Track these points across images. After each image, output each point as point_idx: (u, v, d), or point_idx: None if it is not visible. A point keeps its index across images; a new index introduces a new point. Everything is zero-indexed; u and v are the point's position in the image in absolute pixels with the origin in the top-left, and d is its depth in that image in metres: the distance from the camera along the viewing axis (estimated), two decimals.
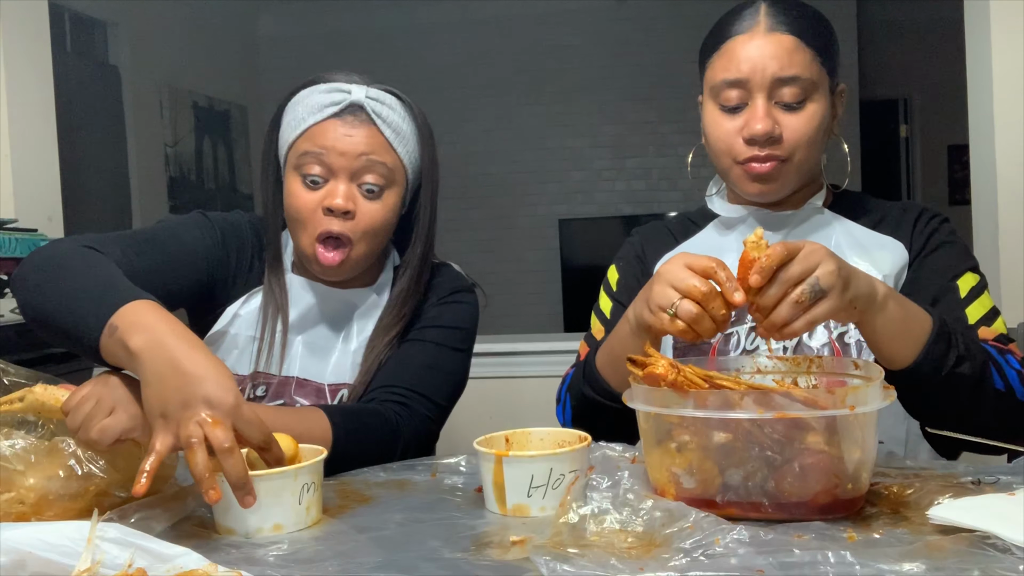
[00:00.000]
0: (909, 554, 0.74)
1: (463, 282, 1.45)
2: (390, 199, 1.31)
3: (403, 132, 1.32)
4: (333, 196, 1.26)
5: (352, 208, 1.27)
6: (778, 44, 1.21)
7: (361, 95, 1.29)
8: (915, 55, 6.73)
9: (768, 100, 1.22)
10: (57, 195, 2.94)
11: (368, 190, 1.28)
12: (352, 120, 1.28)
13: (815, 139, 1.24)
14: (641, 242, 1.42)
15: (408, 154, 1.33)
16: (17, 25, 2.74)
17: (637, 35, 6.57)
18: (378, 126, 1.29)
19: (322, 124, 1.28)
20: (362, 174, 1.28)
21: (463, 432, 1.25)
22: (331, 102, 1.29)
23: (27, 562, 0.72)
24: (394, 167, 1.30)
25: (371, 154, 1.28)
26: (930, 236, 1.28)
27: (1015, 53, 2.31)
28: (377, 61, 6.84)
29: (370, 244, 1.31)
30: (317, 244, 1.28)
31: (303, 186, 1.28)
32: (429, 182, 1.37)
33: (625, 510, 0.84)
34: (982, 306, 1.22)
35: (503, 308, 6.77)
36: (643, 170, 6.78)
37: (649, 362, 0.92)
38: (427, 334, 1.36)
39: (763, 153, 1.22)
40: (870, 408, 0.84)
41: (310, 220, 1.28)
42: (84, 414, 0.96)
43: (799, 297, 0.93)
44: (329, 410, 1.18)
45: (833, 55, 1.26)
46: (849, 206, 1.33)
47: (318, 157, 1.27)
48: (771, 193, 1.26)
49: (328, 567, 0.79)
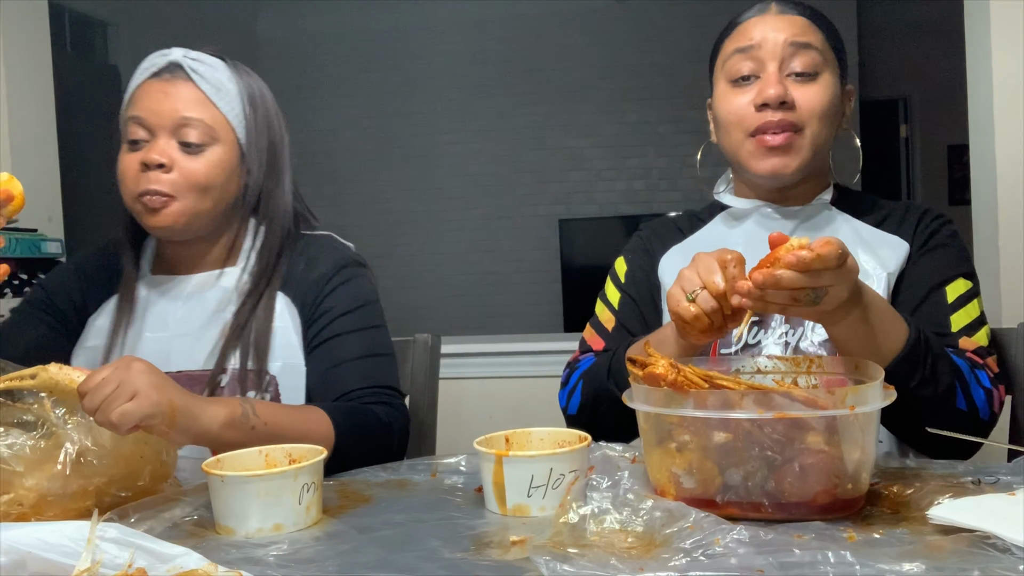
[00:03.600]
0: (909, 554, 0.74)
1: (345, 255, 1.38)
2: (214, 155, 1.29)
3: (225, 89, 1.31)
4: (150, 152, 1.27)
5: (166, 162, 1.26)
6: (790, 21, 1.25)
7: (179, 55, 1.30)
8: (915, 55, 6.72)
9: (780, 71, 1.23)
10: (57, 195, 2.95)
11: (186, 144, 1.28)
12: (169, 78, 1.29)
13: (828, 114, 1.24)
14: (649, 236, 1.42)
15: (233, 112, 1.31)
16: (17, 25, 2.74)
17: (637, 35, 6.57)
18: (195, 81, 1.29)
19: (142, 87, 1.30)
20: (180, 130, 1.28)
21: (463, 432, 1.25)
22: (151, 64, 1.31)
23: (27, 562, 0.72)
24: (215, 123, 1.29)
25: (187, 110, 1.28)
26: (931, 236, 1.28)
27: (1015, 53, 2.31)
28: (377, 61, 6.84)
29: (198, 200, 1.29)
30: (140, 199, 1.28)
31: (128, 151, 1.30)
32: (260, 143, 1.34)
33: (625, 510, 0.84)
34: (967, 315, 1.21)
35: (503, 308, 6.78)
36: (643, 170, 6.78)
37: (649, 362, 0.92)
38: (343, 324, 1.31)
39: (776, 118, 1.22)
40: (870, 408, 0.84)
41: (131, 179, 1.28)
42: (103, 396, 0.95)
43: (800, 296, 0.92)
44: (328, 408, 1.19)
45: (840, 49, 1.28)
46: (855, 204, 1.33)
47: (138, 120, 1.28)
48: (783, 170, 1.24)
49: (328, 567, 0.79)
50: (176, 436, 1.02)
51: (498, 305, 6.82)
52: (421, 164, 6.90)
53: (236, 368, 1.27)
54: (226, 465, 0.96)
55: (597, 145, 6.79)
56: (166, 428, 0.99)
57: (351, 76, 6.80)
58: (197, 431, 1.03)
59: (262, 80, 1.38)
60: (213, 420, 1.04)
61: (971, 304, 1.22)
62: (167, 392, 0.99)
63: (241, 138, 1.32)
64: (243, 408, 1.07)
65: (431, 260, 6.80)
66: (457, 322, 6.50)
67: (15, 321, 1.37)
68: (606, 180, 6.83)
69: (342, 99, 6.79)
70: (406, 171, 6.91)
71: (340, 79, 6.78)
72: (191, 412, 1.01)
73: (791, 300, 0.92)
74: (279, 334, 1.30)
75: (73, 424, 0.98)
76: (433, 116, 6.86)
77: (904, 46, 6.75)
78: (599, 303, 1.40)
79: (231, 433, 1.05)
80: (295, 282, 1.34)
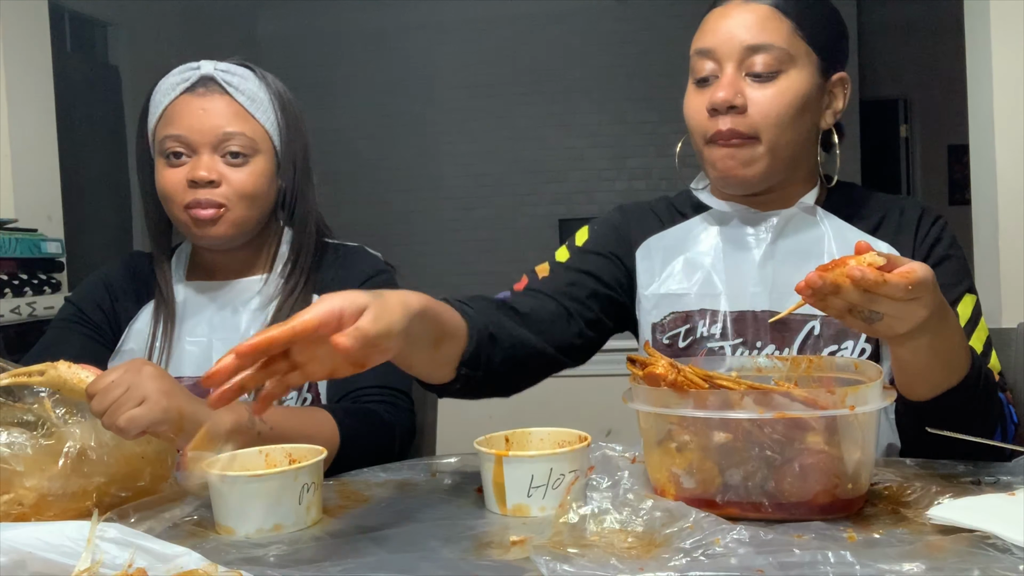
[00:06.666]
0: (909, 554, 0.74)
1: (377, 263, 1.42)
2: (257, 165, 1.31)
3: (259, 99, 1.33)
4: (196, 169, 1.28)
5: (216, 177, 1.28)
6: (752, 12, 1.17)
7: (210, 68, 1.31)
8: (915, 55, 6.72)
9: (738, 70, 1.16)
10: (57, 195, 2.95)
11: (232, 155, 1.30)
12: (204, 92, 1.30)
13: (787, 117, 1.15)
14: (627, 220, 1.34)
15: (269, 121, 1.34)
16: (17, 25, 2.74)
17: (637, 35, 6.57)
18: (232, 95, 1.31)
19: (176, 102, 1.31)
20: (223, 145, 1.29)
21: (463, 432, 1.25)
22: (182, 79, 1.31)
23: (27, 562, 0.72)
24: (255, 135, 1.31)
25: (229, 125, 1.29)
26: (933, 246, 1.21)
27: (1015, 53, 2.31)
28: (377, 61, 6.84)
29: (247, 209, 1.31)
30: (188, 210, 1.29)
31: (168, 166, 1.30)
32: (294, 148, 1.36)
33: (625, 510, 0.84)
34: (979, 338, 1.16)
35: None
36: (643, 170, 6.78)
37: (649, 362, 0.92)
38: None
39: (725, 127, 1.15)
40: (870, 408, 0.84)
41: (177, 193, 1.29)
42: (112, 399, 0.96)
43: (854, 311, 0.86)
44: (332, 410, 1.19)
45: (822, 33, 1.19)
46: (845, 203, 1.26)
47: (178, 138, 1.29)
48: (740, 182, 1.18)
49: (328, 567, 0.79)
50: (183, 442, 1.02)
51: None
52: (421, 164, 6.90)
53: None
54: (226, 465, 0.96)
55: (597, 145, 6.79)
56: (173, 435, 0.99)
57: (351, 76, 6.80)
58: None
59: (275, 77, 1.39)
60: (220, 426, 1.04)
61: (981, 323, 1.17)
62: (176, 398, 0.99)
63: (277, 146, 1.35)
64: (249, 413, 1.07)
65: (431, 260, 6.79)
66: None
67: (53, 339, 1.38)
68: (606, 180, 6.83)
69: (342, 99, 6.79)
70: (406, 171, 6.91)
71: (340, 79, 6.77)
72: (199, 419, 1.01)
73: (846, 311, 0.86)
74: None
75: (73, 424, 0.98)
76: (433, 116, 6.86)
77: (904, 46, 6.75)
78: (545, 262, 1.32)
79: (238, 439, 1.04)
80: (328, 285, 1.37)
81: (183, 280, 1.40)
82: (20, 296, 2.63)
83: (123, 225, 5.37)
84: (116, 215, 5.31)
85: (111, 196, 5.28)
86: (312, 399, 1.32)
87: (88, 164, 4.88)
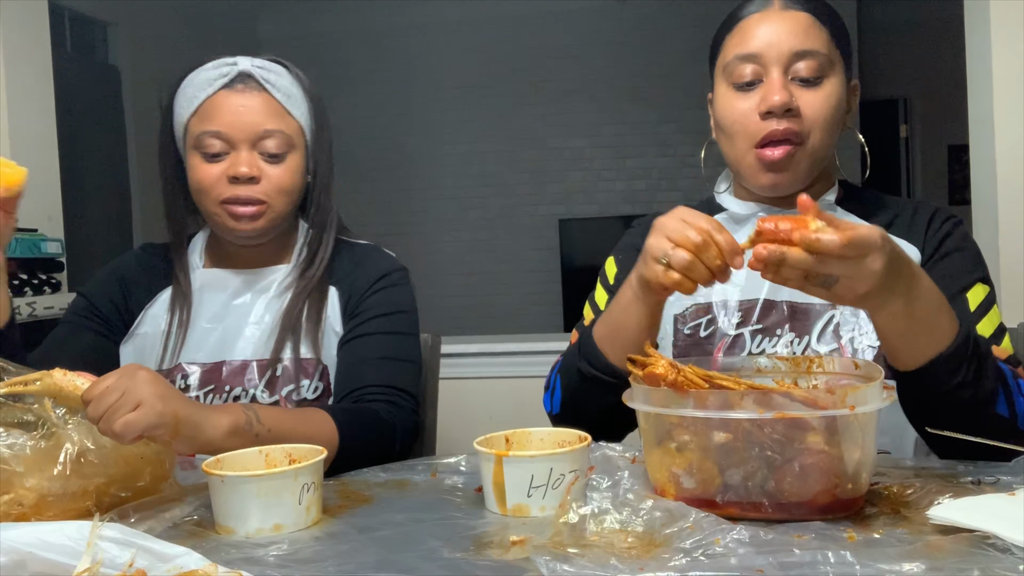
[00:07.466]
0: (909, 554, 0.74)
1: (393, 263, 1.45)
2: (293, 162, 1.34)
3: (295, 96, 1.35)
4: (237, 165, 1.29)
5: (256, 174, 1.30)
6: (794, 21, 1.20)
7: (247, 64, 1.32)
8: (915, 55, 6.72)
9: (784, 75, 1.19)
10: (57, 195, 2.95)
11: (270, 155, 1.31)
12: (243, 88, 1.31)
13: (832, 121, 1.20)
14: (642, 235, 1.36)
15: (303, 117, 1.36)
16: (17, 25, 2.75)
17: (637, 35, 6.57)
18: (270, 92, 1.32)
19: (214, 98, 1.31)
20: (262, 141, 1.31)
21: (463, 432, 1.25)
22: (220, 75, 1.31)
23: (27, 562, 0.72)
24: (292, 131, 1.33)
25: (268, 122, 1.31)
26: (943, 240, 1.23)
27: (1015, 53, 2.31)
28: (377, 61, 6.85)
29: (285, 205, 1.34)
30: (225, 205, 1.31)
31: (205, 161, 1.31)
32: (322, 144, 1.39)
33: (625, 510, 0.84)
34: (991, 323, 1.17)
35: (503, 308, 6.77)
36: (643, 170, 6.78)
37: (649, 362, 0.92)
38: (375, 325, 1.36)
39: (781, 127, 1.17)
40: (870, 408, 0.84)
41: (215, 188, 1.31)
42: (107, 405, 0.96)
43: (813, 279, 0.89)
44: (331, 410, 1.19)
45: (846, 43, 1.24)
46: (861, 203, 1.29)
47: (217, 134, 1.30)
48: (783, 185, 1.22)
49: (328, 567, 0.79)
50: (180, 446, 1.02)
51: (498, 305, 6.82)
52: (421, 164, 6.90)
53: (291, 357, 1.33)
54: (226, 465, 0.96)
55: (597, 145, 6.79)
56: (170, 438, 0.99)
57: (351, 76, 6.79)
58: (201, 441, 1.03)
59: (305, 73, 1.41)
60: (217, 429, 1.04)
61: (992, 311, 1.18)
62: (171, 402, 0.99)
63: (309, 142, 1.37)
64: (247, 416, 1.07)
65: (431, 260, 6.80)
66: (457, 322, 6.50)
67: (63, 333, 1.39)
68: (606, 180, 6.83)
69: (342, 99, 6.79)
70: (406, 171, 6.91)
71: (340, 79, 6.77)
72: (195, 422, 1.01)
73: (803, 279, 0.89)
74: (330, 325, 1.36)
75: (73, 424, 0.98)
76: (433, 116, 6.86)
77: (904, 46, 6.75)
78: (587, 306, 1.38)
79: (235, 441, 1.04)
80: (343, 279, 1.40)
81: (200, 267, 1.41)
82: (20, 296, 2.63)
83: (123, 225, 5.37)
84: (116, 215, 5.31)
85: (111, 196, 5.29)
86: (323, 388, 1.33)
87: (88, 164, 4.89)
